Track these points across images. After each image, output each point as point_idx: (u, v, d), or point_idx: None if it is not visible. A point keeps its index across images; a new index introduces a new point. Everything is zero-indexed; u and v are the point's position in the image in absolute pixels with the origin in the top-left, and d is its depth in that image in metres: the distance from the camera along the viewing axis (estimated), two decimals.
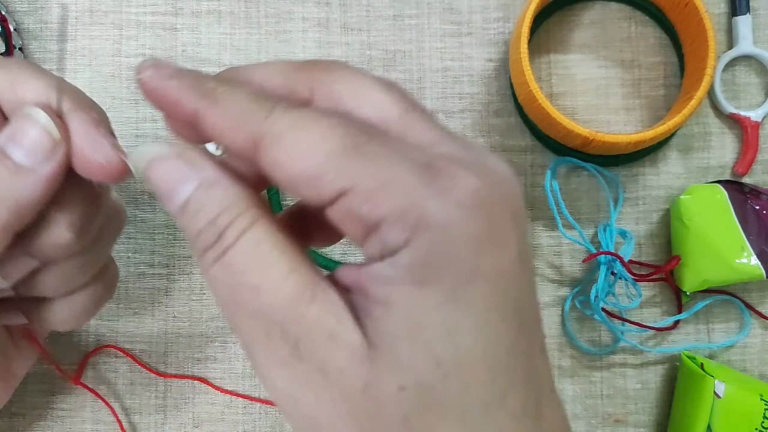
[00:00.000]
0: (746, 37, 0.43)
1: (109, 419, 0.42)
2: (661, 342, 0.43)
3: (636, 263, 0.42)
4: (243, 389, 0.42)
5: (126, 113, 0.43)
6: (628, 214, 0.43)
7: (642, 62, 0.44)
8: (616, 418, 0.42)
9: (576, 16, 0.44)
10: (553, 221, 0.42)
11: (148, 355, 0.42)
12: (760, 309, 0.42)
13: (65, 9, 0.44)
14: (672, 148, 0.43)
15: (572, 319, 0.43)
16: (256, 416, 0.42)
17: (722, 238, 0.39)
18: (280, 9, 0.44)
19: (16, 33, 0.42)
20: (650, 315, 0.43)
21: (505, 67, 0.44)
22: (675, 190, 0.43)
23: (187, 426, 0.42)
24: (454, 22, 0.44)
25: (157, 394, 0.42)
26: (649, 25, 0.44)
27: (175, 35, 0.44)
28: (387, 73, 0.43)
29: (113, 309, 0.42)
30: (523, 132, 0.43)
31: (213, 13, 0.44)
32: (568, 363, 0.43)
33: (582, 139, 0.38)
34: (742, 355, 0.43)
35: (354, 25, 0.44)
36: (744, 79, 0.44)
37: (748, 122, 0.43)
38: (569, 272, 0.43)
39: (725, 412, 0.38)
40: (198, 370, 0.42)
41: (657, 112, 0.43)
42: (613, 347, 0.42)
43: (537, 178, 0.43)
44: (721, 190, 0.41)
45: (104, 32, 0.44)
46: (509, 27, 0.44)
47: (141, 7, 0.44)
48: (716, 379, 0.38)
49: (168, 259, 0.43)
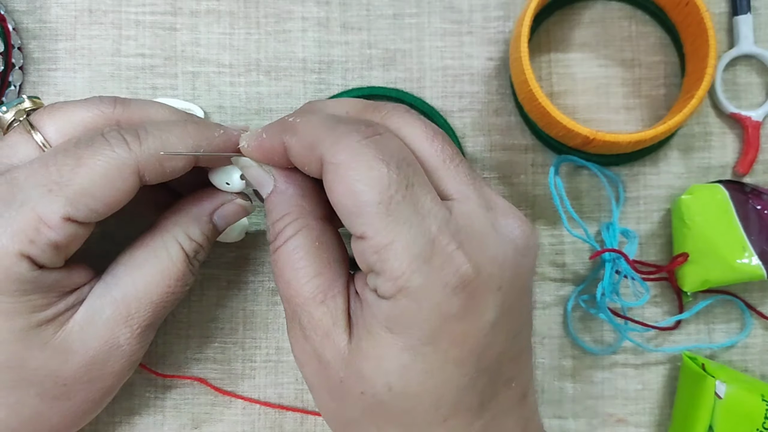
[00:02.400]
0: (747, 36, 0.43)
1: (108, 420, 0.42)
2: (663, 342, 0.43)
3: (638, 262, 0.42)
4: (242, 390, 0.42)
5: None
6: (629, 213, 0.43)
7: (642, 61, 0.43)
8: (617, 419, 0.42)
9: (576, 15, 0.44)
10: (555, 219, 0.42)
11: (147, 355, 0.42)
12: (761, 309, 0.42)
13: (65, 8, 0.44)
14: (673, 148, 0.43)
15: (574, 319, 0.43)
16: (255, 417, 0.42)
17: (723, 238, 0.39)
18: (279, 8, 0.44)
19: (15, 32, 0.42)
20: (651, 315, 0.43)
21: (505, 65, 0.43)
22: (676, 189, 0.43)
23: (186, 427, 0.42)
24: (454, 20, 0.44)
25: (156, 395, 0.42)
26: (649, 24, 0.44)
27: (174, 35, 0.44)
28: (387, 72, 0.43)
29: None
30: (523, 131, 0.43)
31: (212, 13, 0.44)
32: (570, 363, 0.42)
33: (582, 138, 0.38)
34: (743, 355, 0.42)
35: (354, 24, 0.44)
36: (745, 79, 0.44)
37: (749, 122, 0.43)
38: (571, 271, 0.43)
39: (726, 412, 0.38)
40: (197, 370, 0.42)
41: (657, 112, 0.43)
42: (615, 347, 0.42)
43: (537, 177, 0.43)
44: (722, 190, 0.40)
45: (103, 32, 0.43)
46: (509, 26, 0.44)
47: (140, 7, 0.44)
48: (717, 380, 0.38)
49: None
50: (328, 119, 0.30)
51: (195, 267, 0.35)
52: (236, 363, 0.42)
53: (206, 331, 0.42)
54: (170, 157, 0.32)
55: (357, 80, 0.43)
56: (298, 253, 0.31)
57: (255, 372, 0.42)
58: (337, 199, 0.28)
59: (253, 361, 0.42)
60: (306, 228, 0.31)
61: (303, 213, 0.32)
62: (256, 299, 0.42)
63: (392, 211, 0.27)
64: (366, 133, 0.28)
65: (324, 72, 0.43)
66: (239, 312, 0.42)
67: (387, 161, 0.28)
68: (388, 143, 0.29)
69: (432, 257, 0.27)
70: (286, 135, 0.31)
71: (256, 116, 0.43)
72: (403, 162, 0.28)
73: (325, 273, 0.31)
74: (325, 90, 0.43)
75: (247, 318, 0.42)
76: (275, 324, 0.42)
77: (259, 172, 0.33)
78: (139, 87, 0.43)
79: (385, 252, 0.27)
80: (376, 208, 0.27)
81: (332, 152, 0.28)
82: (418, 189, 0.28)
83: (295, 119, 0.31)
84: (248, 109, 0.43)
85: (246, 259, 0.43)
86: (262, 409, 0.42)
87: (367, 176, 0.27)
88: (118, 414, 0.42)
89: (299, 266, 0.31)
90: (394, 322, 0.28)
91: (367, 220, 0.27)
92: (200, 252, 0.35)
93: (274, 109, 0.43)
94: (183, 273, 0.35)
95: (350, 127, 0.29)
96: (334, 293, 0.30)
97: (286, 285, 0.31)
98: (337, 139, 0.28)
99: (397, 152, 0.28)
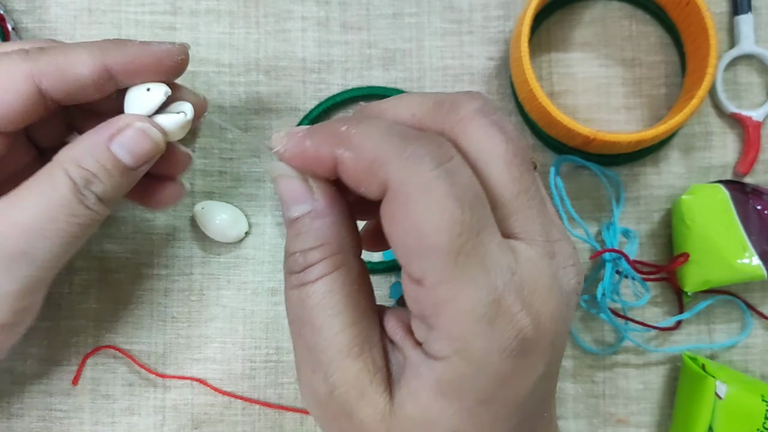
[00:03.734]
0: (748, 36, 0.43)
1: (108, 420, 0.42)
2: (663, 342, 0.43)
3: (639, 263, 0.42)
4: (242, 390, 0.42)
5: None
6: (629, 213, 0.43)
7: (643, 61, 0.43)
8: (618, 419, 0.42)
9: (577, 15, 0.44)
10: None
11: (147, 355, 0.42)
12: (761, 309, 0.42)
13: (64, 8, 0.44)
14: (673, 148, 0.43)
15: (575, 319, 0.42)
16: (255, 417, 0.42)
17: (724, 238, 0.39)
18: (279, 8, 0.44)
19: (14, 32, 0.42)
20: (652, 315, 0.42)
21: (505, 65, 0.43)
22: (676, 189, 0.43)
23: (186, 427, 0.42)
24: (454, 20, 0.44)
25: (156, 395, 0.42)
26: (650, 24, 0.44)
27: (174, 35, 0.43)
28: (387, 71, 0.43)
29: (112, 310, 0.42)
30: (523, 131, 0.43)
31: (212, 12, 0.44)
32: (571, 363, 0.42)
33: (583, 138, 0.38)
34: (743, 355, 0.42)
35: (354, 24, 0.44)
36: (745, 79, 0.44)
37: (749, 122, 0.42)
38: None
39: (727, 413, 0.38)
40: (197, 371, 0.42)
41: (658, 112, 0.43)
42: (616, 347, 0.42)
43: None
44: (723, 190, 0.40)
45: (103, 31, 0.43)
46: (510, 25, 0.44)
47: (140, 6, 0.44)
48: (717, 380, 0.38)
49: (167, 260, 0.42)
50: (392, 133, 0.25)
51: (89, 199, 0.31)
52: (236, 363, 0.42)
53: (206, 331, 0.42)
54: (71, 62, 0.31)
55: (357, 80, 0.43)
56: (334, 296, 0.26)
57: (255, 372, 0.42)
58: (396, 234, 0.24)
59: (253, 361, 0.42)
60: (346, 267, 0.27)
61: (343, 247, 0.27)
62: (256, 299, 0.42)
63: (460, 262, 0.24)
64: (440, 159, 0.24)
65: (324, 71, 0.43)
66: (239, 312, 0.42)
67: (461, 200, 0.24)
68: (462, 173, 0.25)
69: (497, 318, 0.24)
70: (340, 148, 0.26)
71: (255, 116, 0.43)
72: (476, 201, 0.24)
73: (362, 322, 0.27)
74: (325, 90, 0.43)
75: (247, 318, 0.42)
76: (275, 324, 0.42)
77: (298, 186, 0.27)
78: None
79: (444, 306, 0.24)
80: (443, 256, 0.24)
81: (400, 179, 0.24)
82: (486, 235, 0.24)
83: (350, 129, 0.26)
84: (248, 108, 0.43)
85: (246, 259, 0.43)
86: (262, 410, 0.42)
87: (440, 217, 0.23)
88: (118, 414, 0.42)
89: (335, 311, 0.26)
90: (448, 386, 0.25)
91: (430, 267, 0.24)
92: (95, 183, 0.31)
93: (273, 109, 0.43)
94: (67, 201, 0.31)
95: (421, 149, 0.24)
96: (371, 345, 0.26)
97: (314, 331, 0.27)
98: (405, 164, 0.24)
99: (470, 186, 0.25)
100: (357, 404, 0.26)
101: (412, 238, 0.24)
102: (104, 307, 0.42)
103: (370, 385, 0.26)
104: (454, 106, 0.27)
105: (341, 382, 0.26)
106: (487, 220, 0.25)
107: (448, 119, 0.26)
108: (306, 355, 0.27)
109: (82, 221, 0.32)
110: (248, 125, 0.43)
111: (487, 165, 0.26)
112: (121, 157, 0.32)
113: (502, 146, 0.26)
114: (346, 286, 0.27)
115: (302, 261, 0.27)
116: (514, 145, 0.26)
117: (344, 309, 0.26)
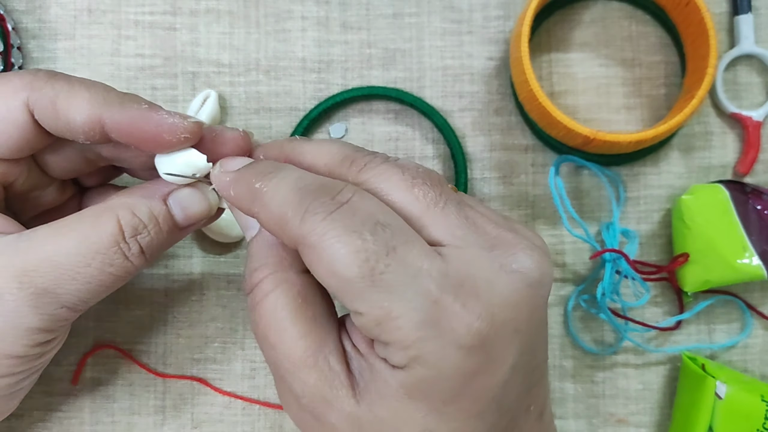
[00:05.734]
0: (748, 36, 0.43)
1: (108, 420, 0.42)
2: (663, 342, 0.43)
3: (639, 263, 0.42)
4: (242, 390, 0.42)
5: None
6: (629, 213, 0.43)
7: (643, 61, 0.43)
8: (618, 419, 0.42)
9: (577, 15, 0.44)
10: (555, 219, 0.42)
11: (146, 355, 0.42)
12: (761, 309, 0.42)
13: (64, 8, 0.44)
14: (673, 148, 0.43)
15: (575, 319, 0.42)
16: (255, 417, 0.42)
17: (724, 238, 0.39)
18: (279, 8, 0.44)
19: (14, 32, 0.42)
20: (652, 315, 0.42)
21: (505, 65, 0.43)
22: (676, 189, 0.43)
23: (186, 427, 0.42)
24: (454, 20, 0.44)
25: (156, 395, 0.42)
26: (650, 24, 0.44)
27: (174, 35, 0.43)
28: (387, 71, 0.43)
29: (112, 309, 0.42)
30: (523, 131, 0.43)
31: (211, 13, 0.44)
32: (570, 363, 0.42)
33: (583, 138, 0.38)
34: (743, 355, 0.42)
35: (353, 24, 0.44)
36: (745, 79, 0.44)
37: (749, 122, 0.42)
38: (572, 271, 0.43)
39: (727, 413, 0.38)
40: (197, 370, 0.42)
41: (658, 112, 0.43)
42: (616, 347, 0.42)
43: (537, 177, 0.43)
44: (723, 190, 0.40)
45: (103, 32, 0.43)
46: (510, 25, 0.44)
47: (139, 7, 0.44)
48: (717, 380, 0.38)
49: (167, 259, 0.42)
50: (295, 190, 0.27)
51: (132, 249, 0.31)
52: (236, 363, 0.42)
53: (206, 331, 0.42)
54: (68, 104, 0.30)
55: (357, 80, 0.43)
56: (280, 312, 0.28)
57: (255, 372, 0.42)
58: (321, 279, 0.26)
59: (253, 361, 0.42)
60: (286, 283, 0.29)
61: (282, 266, 0.29)
62: None
63: (378, 281, 0.25)
64: (329, 207, 0.26)
65: (324, 71, 0.43)
66: (239, 312, 0.42)
67: (359, 231, 0.26)
68: (359, 208, 0.26)
69: (440, 320, 0.25)
70: (254, 206, 0.28)
71: (255, 116, 0.43)
72: (377, 226, 0.26)
73: (313, 332, 0.28)
74: (325, 90, 0.43)
75: (247, 318, 0.42)
76: None
77: (240, 213, 0.30)
78: (139, 87, 0.43)
79: (386, 323, 0.25)
80: (360, 283, 0.25)
81: (302, 235, 0.26)
82: (402, 249, 0.26)
83: (263, 185, 0.28)
84: (248, 108, 0.43)
85: (246, 259, 0.43)
86: (262, 409, 0.42)
87: (343, 253, 0.25)
88: (118, 414, 0.42)
89: (283, 327, 0.28)
90: (414, 389, 0.26)
91: (355, 297, 0.26)
92: (143, 234, 0.31)
93: (273, 109, 0.43)
94: (107, 248, 0.30)
95: (316, 201, 0.26)
96: (325, 353, 0.28)
97: (271, 349, 0.28)
98: (303, 221, 0.26)
99: (369, 216, 0.26)
100: (324, 410, 0.27)
101: (330, 279, 0.26)
102: (104, 307, 0.42)
103: (330, 391, 0.27)
104: (359, 158, 0.29)
105: (303, 392, 0.28)
106: (400, 236, 0.26)
107: (351, 171, 0.29)
108: (272, 369, 0.29)
109: (116, 272, 0.31)
110: (248, 125, 0.43)
111: (389, 194, 0.28)
112: (175, 213, 0.32)
113: (398, 176, 0.28)
114: (290, 301, 0.28)
115: (249, 281, 0.29)
116: (411, 173, 0.28)
117: (292, 324, 0.28)
